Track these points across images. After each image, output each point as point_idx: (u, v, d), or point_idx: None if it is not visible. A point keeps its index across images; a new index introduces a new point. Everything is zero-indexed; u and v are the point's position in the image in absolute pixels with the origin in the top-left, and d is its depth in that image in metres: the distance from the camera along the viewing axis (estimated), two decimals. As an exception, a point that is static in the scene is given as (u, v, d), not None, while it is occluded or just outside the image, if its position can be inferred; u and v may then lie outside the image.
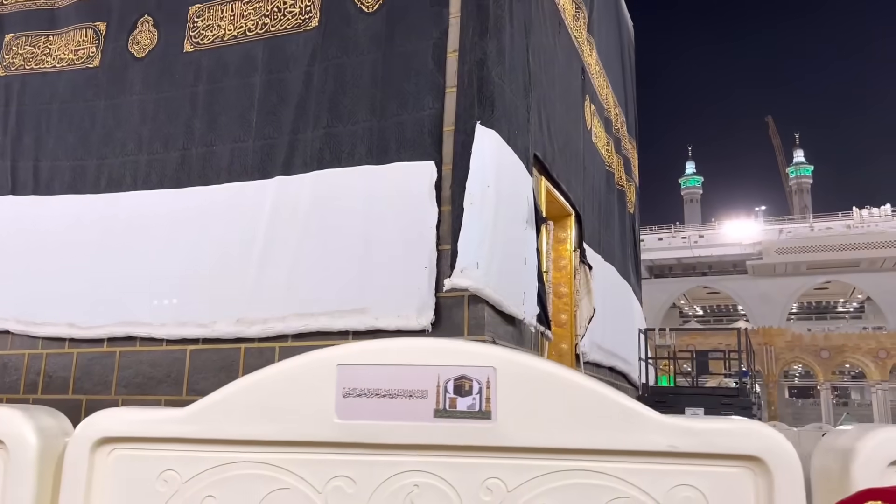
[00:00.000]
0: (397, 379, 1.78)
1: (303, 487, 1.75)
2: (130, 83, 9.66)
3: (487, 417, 1.77)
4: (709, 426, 1.75)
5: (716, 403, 10.23)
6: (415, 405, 1.76)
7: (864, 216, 59.42)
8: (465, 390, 1.78)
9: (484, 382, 1.78)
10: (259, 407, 1.90)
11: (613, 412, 1.74)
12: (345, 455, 1.76)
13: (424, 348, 1.83)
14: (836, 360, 51.48)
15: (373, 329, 7.61)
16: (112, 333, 8.80)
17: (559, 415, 1.75)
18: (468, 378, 1.78)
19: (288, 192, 8.30)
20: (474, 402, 1.78)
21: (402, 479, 1.74)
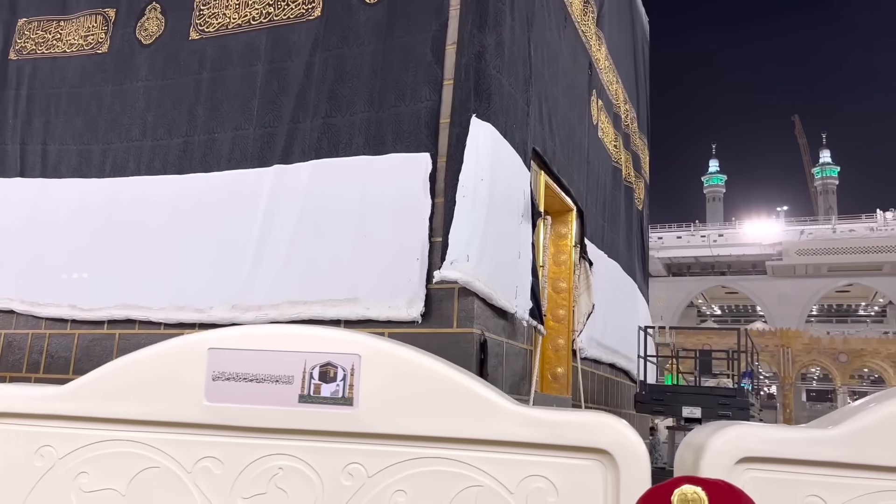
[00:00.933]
0: (265, 364, 1.82)
1: (172, 467, 1.80)
2: (137, 69, 9.79)
3: (350, 404, 1.81)
4: (560, 418, 1.77)
5: (713, 404, 10.17)
6: (281, 390, 1.80)
7: (888, 219, 58.44)
8: (330, 377, 1.81)
9: (349, 369, 1.81)
10: (133, 387, 1.94)
11: (471, 401, 1.76)
12: (213, 437, 1.81)
13: (293, 334, 1.87)
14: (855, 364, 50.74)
15: (364, 319, 7.67)
16: (112, 316, 8.95)
17: (419, 403, 1.78)
18: (333, 365, 1.82)
19: (286, 180, 8.38)
20: (338, 389, 1.81)
21: (268, 462, 1.78)
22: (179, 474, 1.79)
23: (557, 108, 9.89)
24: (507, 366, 8.09)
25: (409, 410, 1.79)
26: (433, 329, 7.46)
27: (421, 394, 1.79)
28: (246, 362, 1.85)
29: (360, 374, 1.80)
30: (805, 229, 61.32)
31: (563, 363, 10.24)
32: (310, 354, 1.84)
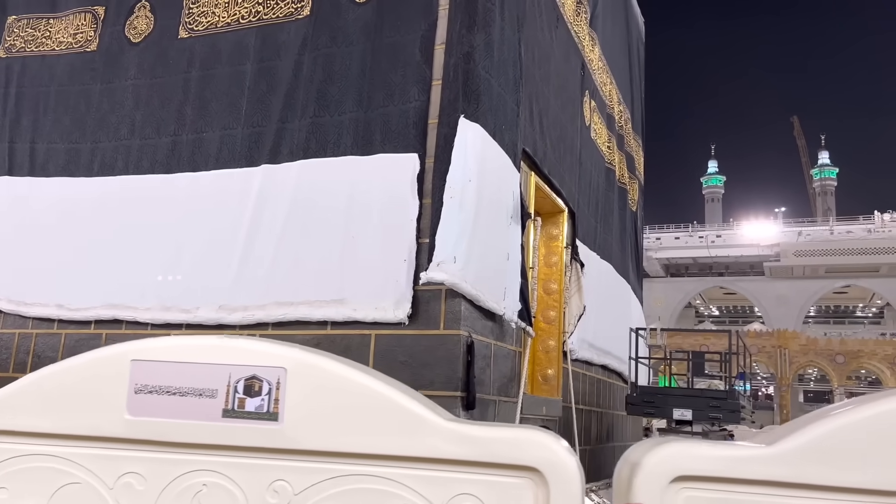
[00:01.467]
0: (189, 377, 1.77)
1: (94, 482, 1.75)
2: (125, 68, 9.73)
3: (275, 419, 1.76)
4: (491, 435, 1.72)
5: (704, 406, 10.12)
6: (204, 404, 1.75)
7: (886, 220, 58.41)
8: (255, 391, 1.77)
9: (274, 383, 1.76)
10: (52, 400, 1.88)
11: (399, 417, 1.71)
12: (135, 452, 1.76)
13: (217, 346, 1.82)
14: (852, 366, 50.80)
15: (350, 320, 7.63)
16: (99, 316, 8.91)
17: (346, 418, 1.73)
18: (258, 378, 1.77)
19: (274, 180, 8.33)
20: (263, 403, 1.76)
21: (191, 478, 1.74)
22: (101, 490, 1.74)
23: (549, 109, 9.84)
24: (495, 368, 8.05)
25: (335, 426, 1.75)
26: (420, 331, 7.41)
27: (348, 409, 1.75)
28: (169, 375, 1.80)
29: (286, 389, 1.76)
30: (803, 230, 61.28)
31: (554, 365, 10.19)
32: (234, 367, 1.79)
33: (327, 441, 1.72)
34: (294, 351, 1.84)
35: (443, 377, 7.24)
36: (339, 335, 7.71)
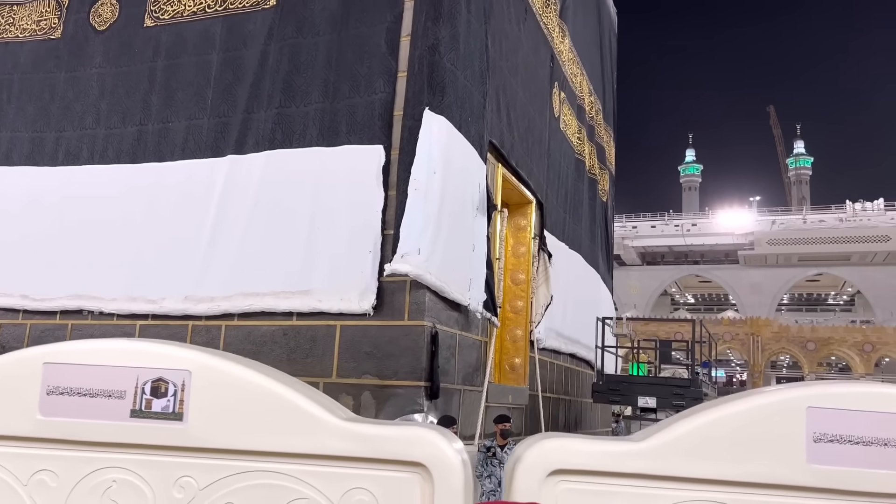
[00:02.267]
0: (99, 379, 1.85)
1: (8, 479, 1.82)
2: (90, 56, 9.64)
3: (180, 419, 1.85)
4: (380, 433, 1.82)
5: (668, 394, 10.33)
6: (113, 405, 1.83)
7: (858, 210, 59.41)
8: (161, 392, 1.85)
9: (179, 385, 1.85)
10: None
11: (296, 417, 1.81)
12: (48, 450, 1.84)
13: (126, 349, 1.90)
14: (822, 353, 51.72)
15: (316, 311, 7.69)
16: (64, 306, 8.87)
17: (246, 418, 1.83)
18: (165, 380, 1.85)
19: (239, 171, 8.33)
20: (168, 404, 1.85)
21: (101, 475, 1.82)
22: (16, 487, 1.81)
23: (516, 101, 9.91)
24: (460, 357, 8.16)
25: (236, 425, 1.84)
26: (385, 321, 7.49)
27: (249, 409, 1.84)
28: (80, 377, 1.87)
29: (190, 390, 1.84)
30: (777, 219, 62.11)
31: (521, 354, 10.34)
32: (142, 370, 1.86)
33: (229, 439, 1.81)
34: (199, 354, 1.91)
35: (407, 367, 7.34)
36: (305, 326, 7.77)
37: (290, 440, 1.78)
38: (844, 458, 1.73)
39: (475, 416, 8.34)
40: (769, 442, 1.74)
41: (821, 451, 1.74)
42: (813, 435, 1.74)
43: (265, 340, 7.90)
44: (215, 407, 1.84)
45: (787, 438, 1.74)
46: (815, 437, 1.74)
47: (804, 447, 1.74)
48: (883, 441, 1.73)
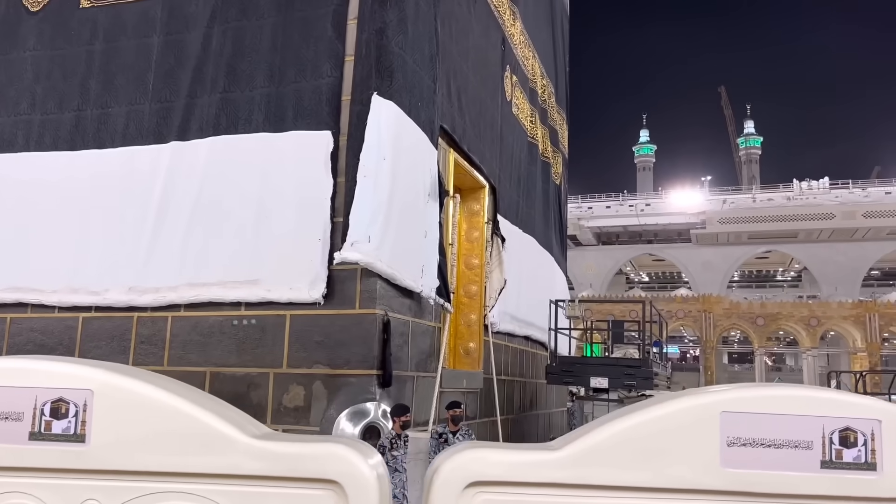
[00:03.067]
0: None
1: None
2: (24, 38, 9.23)
3: (82, 441, 1.78)
4: (293, 450, 1.79)
5: (619, 374, 10.50)
6: (11, 427, 1.76)
7: (804, 188, 61.12)
8: (62, 413, 1.78)
9: (81, 405, 1.78)
10: None
11: (206, 436, 1.77)
12: None
13: (25, 369, 1.82)
14: (771, 328, 53.26)
15: (265, 301, 7.56)
16: (2, 299, 8.55)
17: (153, 438, 1.78)
18: (65, 401, 1.78)
19: (183, 158, 8.10)
20: (70, 425, 1.78)
21: (3, 501, 1.74)
22: None
23: (467, 85, 9.85)
24: (413, 344, 8.13)
25: (143, 446, 1.78)
26: (335, 310, 7.41)
27: (154, 429, 1.78)
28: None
29: (93, 410, 1.77)
30: (727, 199, 63.50)
31: (476, 338, 10.37)
32: (41, 390, 1.78)
33: (135, 461, 1.74)
34: (101, 372, 1.83)
35: (359, 356, 7.29)
36: (254, 316, 7.64)
37: (198, 460, 1.72)
38: (757, 461, 1.75)
39: (429, 402, 8.34)
40: (684, 447, 1.76)
41: (734, 455, 1.76)
42: (727, 439, 1.76)
43: (213, 331, 7.75)
44: (119, 427, 1.77)
45: (701, 443, 1.76)
46: (729, 442, 1.76)
47: (718, 451, 1.75)
48: (794, 443, 1.76)
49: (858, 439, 1.76)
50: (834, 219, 56.04)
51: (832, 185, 61.32)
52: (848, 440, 1.76)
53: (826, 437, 1.76)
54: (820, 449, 1.76)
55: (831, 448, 1.76)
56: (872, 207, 55.51)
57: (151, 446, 1.75)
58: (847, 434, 1.76)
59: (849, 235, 56.69)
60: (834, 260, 56.37)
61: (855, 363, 49.39)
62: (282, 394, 7.42)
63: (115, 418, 1.77)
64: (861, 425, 1.75)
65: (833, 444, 1.76)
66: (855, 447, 1.75)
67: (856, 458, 1.75)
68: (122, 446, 1.74)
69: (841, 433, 1.76)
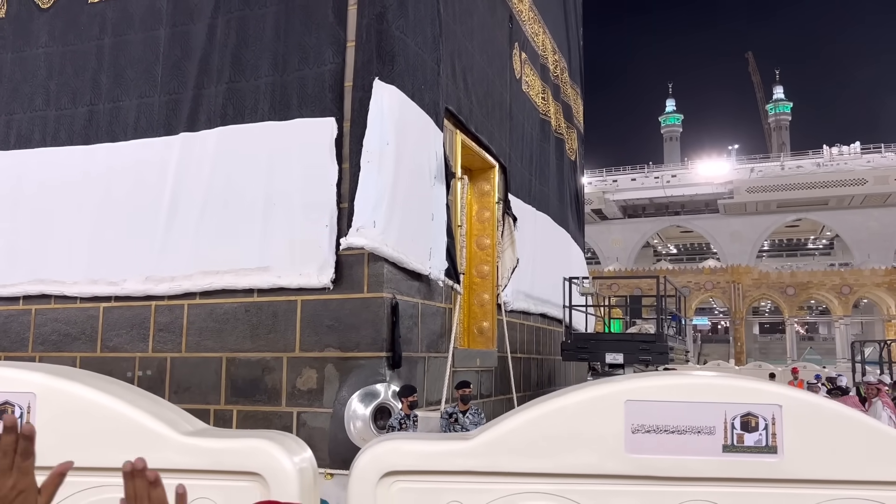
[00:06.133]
0: None
1: None
2: (36, 35, 9.42)
3: None
4: (219, 446, 1.90)
5: (634, 349, 10.52)
6: None
7: (834, 154, 59.74)
8: None
9: (25, 408, 1.90)
10: None
11: (138, 434, 1.89)
12: None
13: None
14: (802, 297, 52.55)
15: (276, 287, 7.72)
16: (26, 291, 8.84)
17: (91, 437, 1.94)
18: (10, 403, 1.91)
19: (192, 149, 8.25)
20: None
21: None
22: None
23: (473, 65, 9.82)
24: (423, 326, 8.25)
25: (82, 445, 1.91)
26: (344, 294, 7.54)
27: (91, 428, 1.91)
28: None
29: (36, 412, 1.89)
30: (755, 167, 62.34)
31: (489, 317, 10.45)
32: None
33: (75, 458, 1.84)
34: (41, 377, 1.96)
35: (368, 339, 7.42)
36: (266, 302, 7.81)
37: (132, 456, 1.84)
38: (661, 446, 1.81)
39: (441, 381, 8.48)
40: (590, 435, 1.83)
41: (638, 441, 1.82)
42: (631, 426, 1.82)
43: (228, 318, 7.94)
44: (60, 428, 1.90)
45: (606, 430, 1.82)
46: (633, 429, 1.82)
47: (623, 438, 1.82)
48: (696, 429, 1.81)
49: (759, 424, 1.81)
50: (866, 184, 54.76)
51: (864, 150, 59.78)
52: (749, 425, 1.82)
53: (728, 423, 1.82)
54: (722, 434, 1.81)
55: (733, 433, 1.82)
56: (906, 171, 54.13)
57: (89, 444, 1.89)
58: (748, 419, 1.82)
59: (882, 201, 55.40)
60: (866, 226, 55.22)
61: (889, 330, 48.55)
62: (295, 377, 7.60)
63: (57, 420, 1.90)
64: (762, 410, 1.81)
65: (735, 428, 1.82)
66: (756, 431, 1.81)
67: (757, 442, 1.81)
68: (63, 445, 1.87)
69: (742, 418, 1.82)
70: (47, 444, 1.98)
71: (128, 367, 8.26)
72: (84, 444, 1.90)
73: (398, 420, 6.60)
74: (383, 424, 6.98)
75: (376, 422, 7.14)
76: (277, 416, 7.58)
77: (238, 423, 7.66)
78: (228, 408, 7.77)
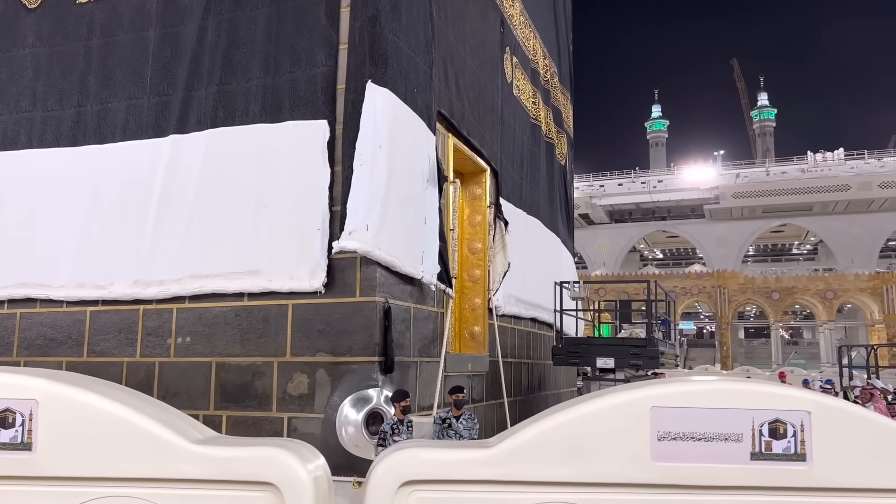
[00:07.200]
0: None
1: None
2: (23, 35, 9.29)
3: (28, 449, 1.86)
4: (230, 454, 1.84)
5: (625, 354, 10.51)
6: None
7: (819, 160, 60.30)
8: (9, 423, 1.83)
9: (27, 415, 1.85)
10: None
11: (147, 443, 1.83)
12: None
13: None
14: (787, 302, 52.95)
15: (266, 291, 7.63)
16: (11, 295, 8.70)
17: (97, 446, 1.85)
18: (12, 411, 1.85)
19: (182, 151, 8.16)
20: (17, 435, 1.85)
21: None
22: None
23: (465, 69, 9.80)
24: (415, 330, 8.19)
25: (87, 453, 1.84)
26: (337, 299, 7.47)
27: (97, 436, 1.85)
28: None
29: (38, 419, 1.83)
30: (741, 173, 62.82)
31: (480, 322, 10.41)
32: None
33: (80, 467, 1.82)
34: (45, 383, 1.89)
35: (360, 344, 7.35)
36: (257, 306, 7.72)
37: (140, 465, 1.79)
38: (687, 454, 1.77)
39: (433, 386, 8.42)
40: (615, 442, 1.79)
41: (665, 449, 1.78)
42: (657, 434, 1.79)
43: (217, 322, 7.85)
44: (64, 436, 1.84)
45: (632, 438, 1.79)
46: (660, 436, 1.79)
47: (649, 446, 1.78)
48: (724, 436, 1.78)
49: (788, 431, 1.78)
50: (850, 190, 55.31)
51: (847, 157, 60.43)
52: (777, 432, 1.79)
53: (756, 430, 1.79)
54: (750, 441, 1.78)
55: (761, 440, 1.78)
56: (889, 177, 54.64)
57: (95, 453, 1.82)
58: (777, 426, 1.79)
59: (865, 207, 55.97)
60: (850, 232, 55.74)
61: (872, 335, 48.99)
62: (286, 382, 7.51)
63: (61, 427, 1.84)
64: (791, 417, 1.78)
65: (763, 435, 1.79)
66: (784, 438, 1.78)
67: (785, 450, 1.78)
68: (67, 454, 1.82)
69: (770, 425, 1.79)
70: (52, 453, 1.93)
71: (115, 371, 8.14)
72: (89, 453, 1.84)
73: (391, 425, 6.53)
74: (375, 430, 6.91)
75: (368, 427, 7.07)
76: (268, 422, 7.48)
77: (228, 429, 7.56)
78: (218, 413, 7.67)
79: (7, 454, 1.85)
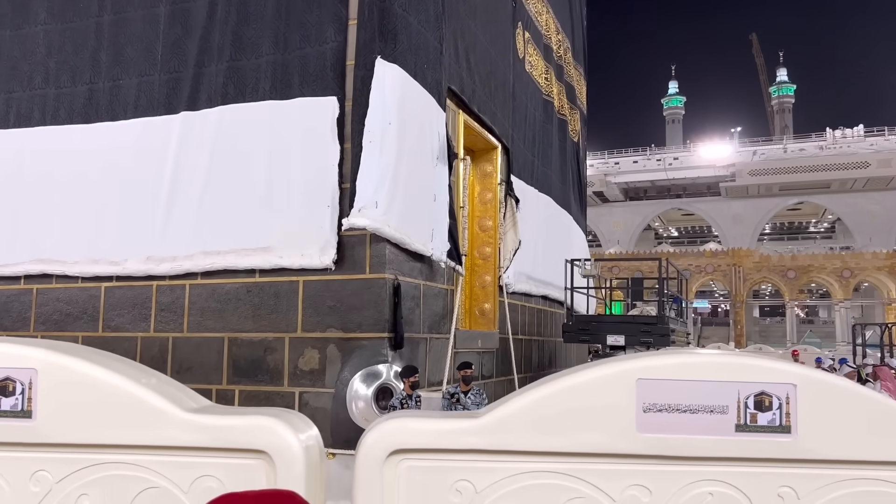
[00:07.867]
0: None
1: None
2: (35, 12, 9.32)
3: (29, 416, 1.93)
4: (223, 423, 1.89)
5: (636, 332, 10.51)
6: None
7: (837, 137, 59.40)
8: (9, 391, 1.90)
9: (26, 383, 1.90)
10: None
11: (141, 410, 1.88)
12: None
13: None
14: (802, 280, 52.56)
15: (277, 267, 7.70)
16: (27, 271, 8.83)
17: (94, 414, 1.91)
18: (12, 379, 1.91)
19: (193, 128, 8.19)
20: (17, 402, 1.92)
21: None
22: None
23: (476, 45, 9.72)
24: (425, 307, 8.24)
25: (85, 421, 1.90)
26: (347, 275, 7.52)
27: (95, 404, 1.90)
28: None
29: (38, 388, 1.88)
30: (757, 150, 62.04)
31: (490, 299, 10.44)
32: None
33: (79, 434, 1.88)
34: (43, 352, 1.95)
35: (370, 320, 7.41)
36: (268, 283, 7.79)
37: (136, 433, 1.84)
38: (672, 425, 1.79)
39: (442, 362, 8.48)
40: (601, 414, 1.81)
41: (650, 421, 1.80)
42: (643, 405, 1.81)
43: (229, 298, 7.93)
44: (62, 403, 1.90)
45: (618, 409, 1.81)
46: (645, 408, 1.81)
47: (634, 417, 1.80)
48: (709, 408, 1.80)
49: (773, 403, 1.80)
50: (869, 167, 54.52)
51: (867, 133, 59.45)
52: (763, 404, 1.81)
53: (741, 402, 1.81)
54: (735, 413, 1.80)
55: (746, 412, 1.80)
56: (910, 155, 53.83)
57: (94, 421, 1.88)
58: (762, 398, 1.80)
59: (884, 184, 55.17)
60: (868, 210, 55.03)
61: (889, 314, 48.57)
62: (297, 357, 7.60)
63: (59, 395, 1.91)
64: (776, 389, 1.80)
65: (748, 408, 1.81)
66: (770, 411, 1.80)
67: (770, 422, 1.79)
68: (66, 421, 1.89)
69: (756, 397, 1.81)
70: (51, 421, 1.99)
71: (130, 346, 8.27)
72: (87, 421, 1.89)
73: (400, 400, 6.61)
74: (385, 405, 7.00)
75: (378, 402, 7.15)
76: (279, 396, 7.59)
77: (240, 402, 7.68)
78: (230, 388, 7.78)
79: (8, 421, 1.91)
